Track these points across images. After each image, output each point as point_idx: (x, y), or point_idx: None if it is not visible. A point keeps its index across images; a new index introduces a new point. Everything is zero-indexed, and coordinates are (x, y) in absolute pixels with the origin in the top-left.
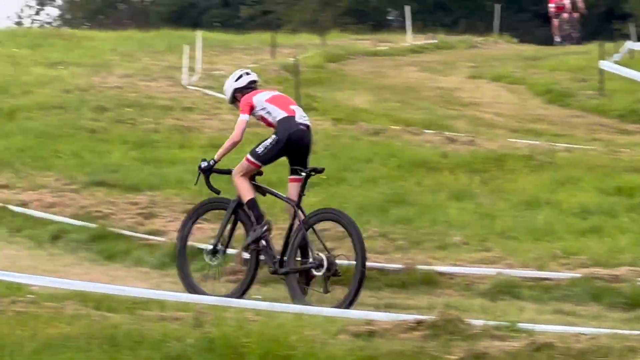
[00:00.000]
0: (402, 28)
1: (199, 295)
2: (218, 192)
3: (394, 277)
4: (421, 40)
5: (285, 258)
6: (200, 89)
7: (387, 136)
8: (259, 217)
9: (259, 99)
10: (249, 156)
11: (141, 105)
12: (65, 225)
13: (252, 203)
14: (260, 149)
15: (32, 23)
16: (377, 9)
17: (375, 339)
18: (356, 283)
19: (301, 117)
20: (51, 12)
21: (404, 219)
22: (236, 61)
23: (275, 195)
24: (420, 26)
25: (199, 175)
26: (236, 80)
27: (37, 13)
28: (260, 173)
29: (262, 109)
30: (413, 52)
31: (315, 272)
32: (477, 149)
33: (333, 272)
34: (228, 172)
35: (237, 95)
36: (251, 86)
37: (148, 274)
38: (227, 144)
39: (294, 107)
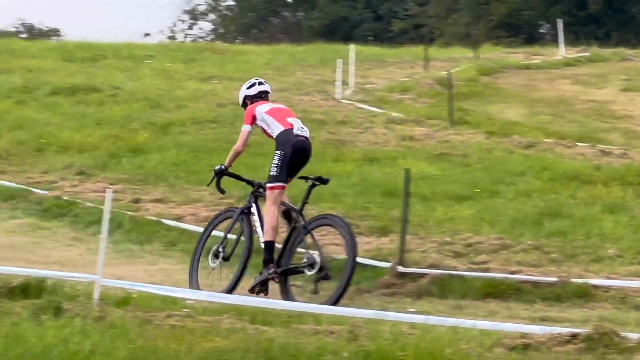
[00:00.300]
0: (554, 41)
1: (355, 309)
2: (223, 192)
3: (548, 290)
4: (573, 53)
5: (282, 260)
6: (354, 103)
7: (540, 149)
8: (269, 261)
9: (260, 110)
10: (268, 185)
11: None
12: (219, 239)
13: (269, 245)
14: (273, 172)
15: (185, 37)
16: (529, 22)
17: (530, 352)
18: (346, 278)
19: (299, 129)
20: (204, 26)
21: (558, 232)
22: (389, 75)
23: (282, 203)
24: (572, 39)
25: (213, 177)
26: (248, 88)
27: (190, 27)
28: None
29: (261, 120)
30: (565, 65)
31: (307, 272)
32: (631, 161)
33: (323, 275)
34: (238, 177)
35: (247, 102)
36: (260, 96)
37: (302, 288)
38: (231, 152)
39: (292, 119)
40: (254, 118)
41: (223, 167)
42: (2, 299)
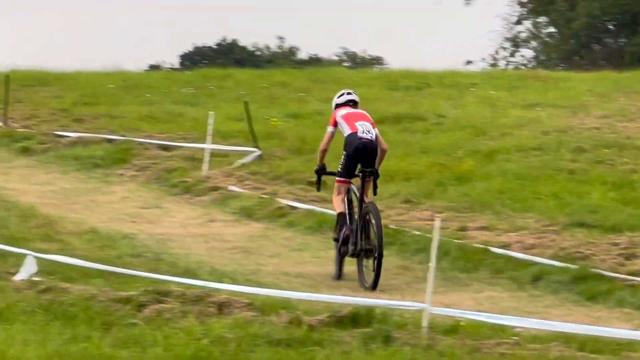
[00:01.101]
0: None
1: None
2: (319, 190)
3: None
4: None
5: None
6: None
7: None
8: (342, 226)
9: (339, 114)
10: (336, 178)
11: (619, 145)
12: (546, 266)
13: (341, 216)
14: (339, 169)
15: (507, 65)
16: None
17: None
18: (377, 266)
19: (364, 132)
20: (526, 53)
21: None
22: None
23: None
24: None
25: (317, 177)
26: (338, 97)
27: (512, 55)
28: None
29: (340, 124)
30: None
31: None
32: None
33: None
34: (333, 173)
35: (335, 109)
36: (348, 104)
37: (631, 314)
38: (318, 152)
39: (359, 123)
40: (335, 122)
41: (317, 167)
42: (331, 328)
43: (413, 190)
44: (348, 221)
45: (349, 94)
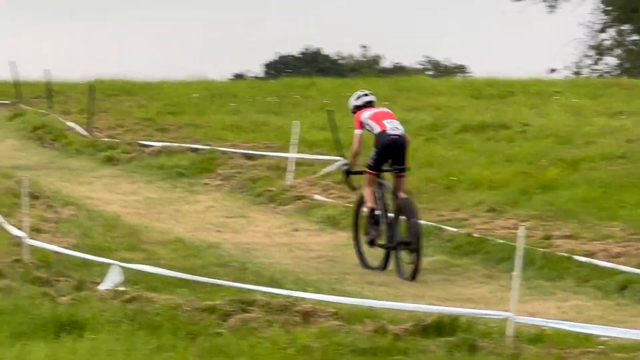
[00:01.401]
0: None
1: None
2: (353, 189)
3: None
4: None
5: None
6: None
7: None
8: (373, 222)
9: (365, 116)
10: (366, 169)
11: None
12: (632, 275)
13: (372, 213)
14: (369, 162)
15: (591, 73)
16: None
17: None
18: (417, 259)
19: (392, 129)
20: (610, 61)
21: None
22: None
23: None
24: None
25: (345, 175)
26: (356, 99)
27: (596, 63)
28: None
29: (367, 125)
30: None
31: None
32: None
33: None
34: (360, 172)
35: (355, 110)
36: (366, 105)
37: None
38: (352, 154)
39: (387, 121)
40: (361, 123)
41: (348, 167)
42: (416, 336)
43: (497, 198)
44: (381, 216)
45: (365, 95)
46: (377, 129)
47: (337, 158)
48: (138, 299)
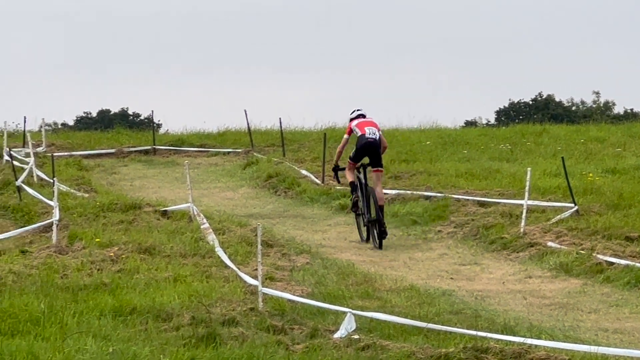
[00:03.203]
0: None
1: None
2: (339, 182)
3: None
4: None
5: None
6: None
7: None
8: (353, 191)
9: (353, 124)
10: (349, 160)
11: None
12: None
13: (352, 184)
14: (351, 155)
15: None
16: None
17: None
18: (380, 232)
19: (370, 134)
20: None
21: None
22: None
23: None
24: None
25: (333, 172)
26: (351, 114)
27: None
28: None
29: (354, 130)
30: None
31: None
32: None
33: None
34: (343, 169)
35: (349, 122)
36: (358, 117)
37: None
38: (336, 153)
39: (367, 128)
40: (350, 130)
41: (334, 166)
42: None
43: None
44: (358, 189)
45: (358, 110)
46: (359, 133)
47: (569, 205)
48: (372, 346)
